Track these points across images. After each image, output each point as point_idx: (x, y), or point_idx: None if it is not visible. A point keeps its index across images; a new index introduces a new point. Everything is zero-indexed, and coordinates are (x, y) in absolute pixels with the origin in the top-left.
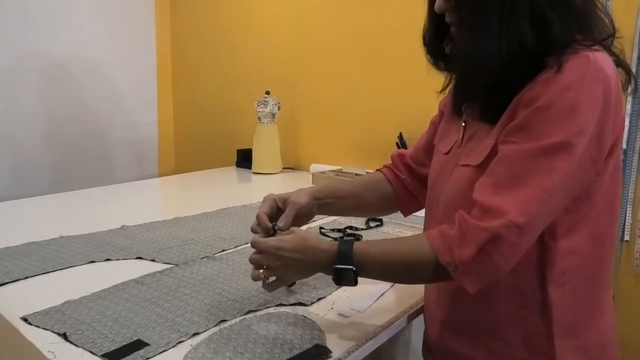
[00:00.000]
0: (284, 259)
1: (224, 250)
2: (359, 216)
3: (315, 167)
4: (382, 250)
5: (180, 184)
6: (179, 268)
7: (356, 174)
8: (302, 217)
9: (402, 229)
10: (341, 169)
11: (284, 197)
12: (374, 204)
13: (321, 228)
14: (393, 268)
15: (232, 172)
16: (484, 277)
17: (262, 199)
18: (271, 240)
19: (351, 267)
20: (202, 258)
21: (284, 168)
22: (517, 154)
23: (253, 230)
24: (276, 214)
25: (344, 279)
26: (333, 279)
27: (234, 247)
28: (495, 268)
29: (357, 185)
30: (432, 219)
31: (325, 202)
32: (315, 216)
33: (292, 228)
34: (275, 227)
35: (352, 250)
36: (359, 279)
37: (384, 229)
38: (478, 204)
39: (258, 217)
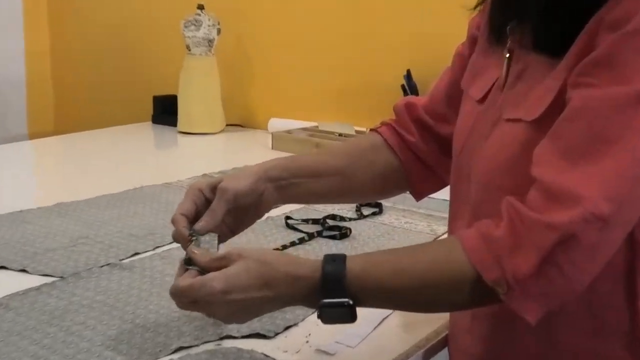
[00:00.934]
0: (238, 303)
1: (136, 254)
2: (344, 202)
3: (277, 124)
4: (392, 269)
5: (65, 152)
6: (66, 283)
7: (341, 135)
8: (245, 212)
9: (412, 217)
10: (317, 127)
11: (214, 184)
12: (368, 184)
13: (288, 218)
14: (410, 295)
15: (146, 132)
16: (550, 299)
17: (193, 174)
18: (212, 280)
19: (346, 299)
20: (102, 266)
21: (227, 125)
22: (599, 104)
23: (175, 240)
24: (204, 212)
25: (335, 317)
26: (319, 317)
27: (153, 249)
28: (568, 284)
29: (341, 155)
30: (461, 205)
31: (288, 183)
32: (276, 207)
33: (234, 249)
34: (192, 234)
35: (345, 272)
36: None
37: (384, 218)
38: (539, 184)
39: (174, 222)
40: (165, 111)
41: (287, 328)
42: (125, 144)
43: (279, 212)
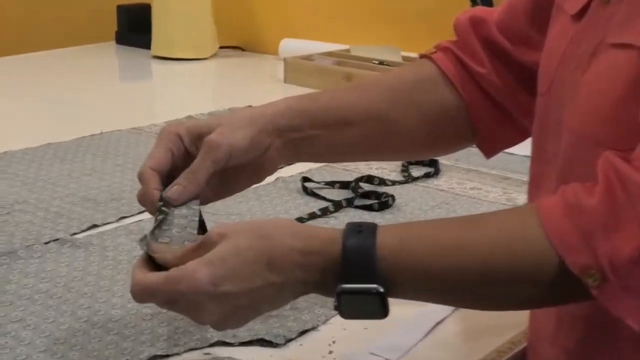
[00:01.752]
0: (232, 298)
1: (94, 227)
2: (383, 160)
3: (291, 47)
4: (441, 246)
5: None
6: None
7: (382, 64)
8: (238, 173)
9: (480, 181)
10: (348, 51)
11: (199, 130)
12: (417, 133)
13: (305, 180)
14: (465, 284)
15: (107, 56)
16: None
17: (172, 117)
18: (193, 271)
19: (374, 286)
20: (47, 243)
21: (221, 48)
22: None
23: (142, 203)
24: (181, 168)
25: (358, 308)
26: (336, 307)
27: (116, 220)
28: None
29: (380, 92)
30: (546, 164)
31: (303, 135)
32: (283, 166)
33: (215, 228)
34: (162, 206)
35: (375, 247)
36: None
37: (440, 182)
38: None
39: (141, 179)
40: (134, 28)
41: (302, 333)
42: (79, 73)
43: (292, 170)
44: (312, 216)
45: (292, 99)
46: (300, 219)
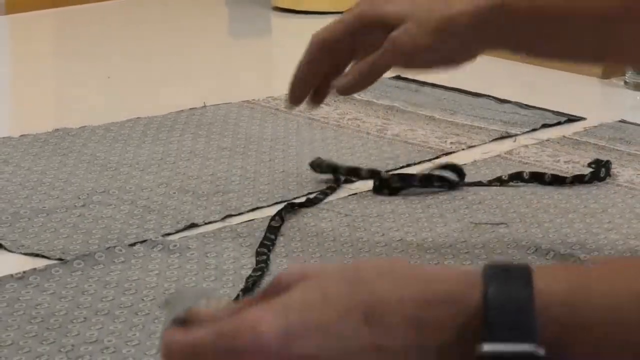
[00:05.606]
0: None
1: (192, 227)
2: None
3: None
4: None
5: (65, 37)
6: (69, 270)
7: None
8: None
9: None
10: None
11: (383, 19)
12: None
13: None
14: None
15: (215, 5)
16: None
17: None
18: (256, 322)
19: (531, 346)
20: (132, 245)
21: None
22: None
23: (294, 88)
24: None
25: None
26: None
27: (221, 219)
28: None
29: None
30: None
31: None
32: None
33: (290, 267)
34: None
35: (532, 296)
36: None
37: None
38: None
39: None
40: None
41: None
42: (176, 27)
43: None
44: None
45: None
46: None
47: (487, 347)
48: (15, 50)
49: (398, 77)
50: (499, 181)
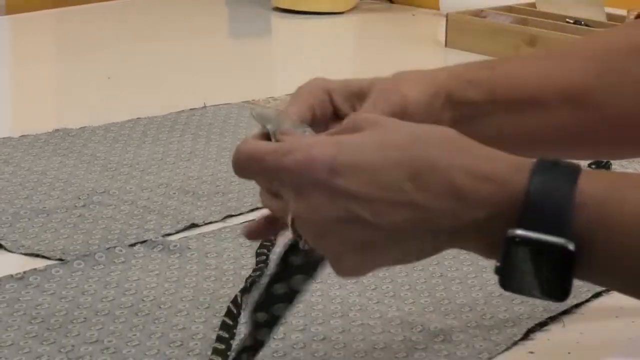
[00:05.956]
0: (353, 204)
1: (192, 227)
2: (577, 155)
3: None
4: None
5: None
6: (70, 270)
7: (579, 24)
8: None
9: None
10: (534, 5)
11: (359, 86)
12: (629, 120)
13: None
14: None
15: (216, 5)
16: None
17: (292, 87)
18: (311, 147)
19: (561, 240)
20: (132, 245)
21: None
22: None
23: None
24: (327, 120)
25: (529, 272)
26: (497, 270)
27: (222, 220)
28: None
29: (581, 62)
30: None
31: (476, 113)
32: None
33: (361, 116)
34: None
35: (574, 190)
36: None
37: None
38: None
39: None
40: None
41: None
42: (177, 28)
43: None
44: None
45: (461, 66)
46: None
47: (521, 232)
48: (16, 51)
49: None
50: None
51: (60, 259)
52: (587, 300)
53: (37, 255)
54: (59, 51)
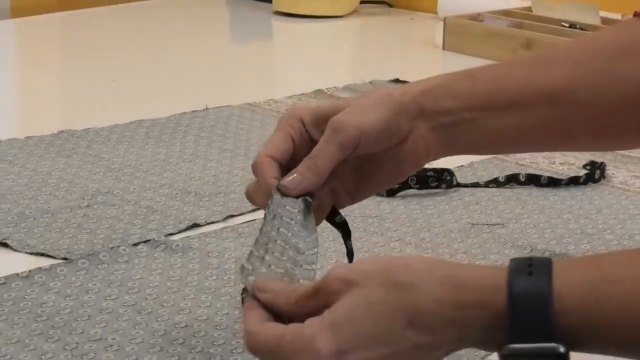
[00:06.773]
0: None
1: (194, 227)
2: (560, 150)
3: (453, 2)
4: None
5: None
6: (74, 269)
7: (574, 27)
8: (375, 166)
9: None
10: (530, 9)
11: (324, 111)
12: (612, 120)
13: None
14: None
15: (218, 9)
16: None
17: (297, 92)
18: (311, 337)
19: (553, 345)
20: (135, 244)
21: (362, 3)
22: None
23: (249, 198)
24: (303, 156)
25: None
26: None
27: (223, 220)
28: None
29: (564, 68)
30: None
31: (455, 120)
32: (431, 160)
33: (337, 268)
34: (278, 188)
35: (552, 295)
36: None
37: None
38: None
39: (256, 169)
40: None
41: None
42: (180, 31)
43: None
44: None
45: (445, 76)
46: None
47: (514, 346)
48: (21, 53)
49: (397, 81)
50: (496, 182)
51: (65, 258)
52: None
53: (42, 255)
54: (64, 54)
